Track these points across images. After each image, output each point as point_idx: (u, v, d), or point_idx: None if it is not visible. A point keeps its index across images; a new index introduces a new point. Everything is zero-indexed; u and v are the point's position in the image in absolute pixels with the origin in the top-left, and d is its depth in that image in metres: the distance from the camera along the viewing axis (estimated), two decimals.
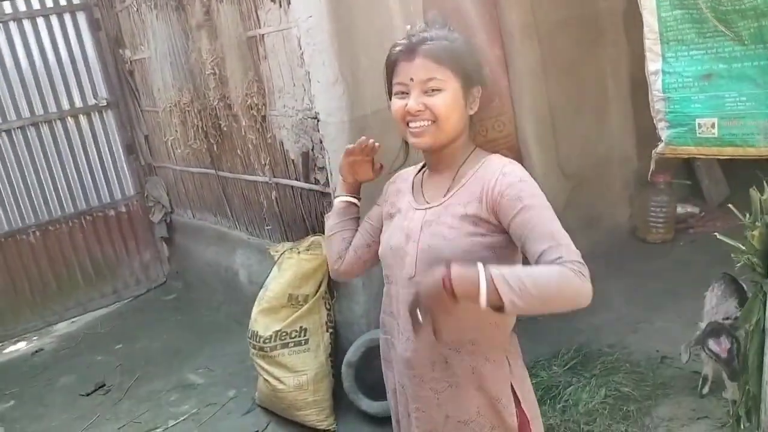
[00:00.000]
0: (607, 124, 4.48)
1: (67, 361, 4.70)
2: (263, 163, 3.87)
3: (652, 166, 1.79)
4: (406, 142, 1.66)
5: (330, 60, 3.15)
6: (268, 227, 4.05)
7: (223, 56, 3.75)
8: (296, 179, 3.69)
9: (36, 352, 4.95)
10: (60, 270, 5.34)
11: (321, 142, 3.36)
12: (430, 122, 1.48)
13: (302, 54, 3.26)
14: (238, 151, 4.11)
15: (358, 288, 3.45)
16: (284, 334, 3.35)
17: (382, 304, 1.76)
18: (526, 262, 1.43)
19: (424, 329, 1.46)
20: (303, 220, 3.76)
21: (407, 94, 1.48)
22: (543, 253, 1.34)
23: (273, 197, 3.93)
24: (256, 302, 3.50)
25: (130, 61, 5.19)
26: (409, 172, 1.74)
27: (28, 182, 5.13)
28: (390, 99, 1.60)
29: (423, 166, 1.71)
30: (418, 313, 1.33)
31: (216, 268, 4.91)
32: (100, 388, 4.17)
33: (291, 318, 3.35)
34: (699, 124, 1.59)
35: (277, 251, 3.57)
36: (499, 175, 1.46)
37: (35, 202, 5.19)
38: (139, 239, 5.68)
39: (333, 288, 3.56)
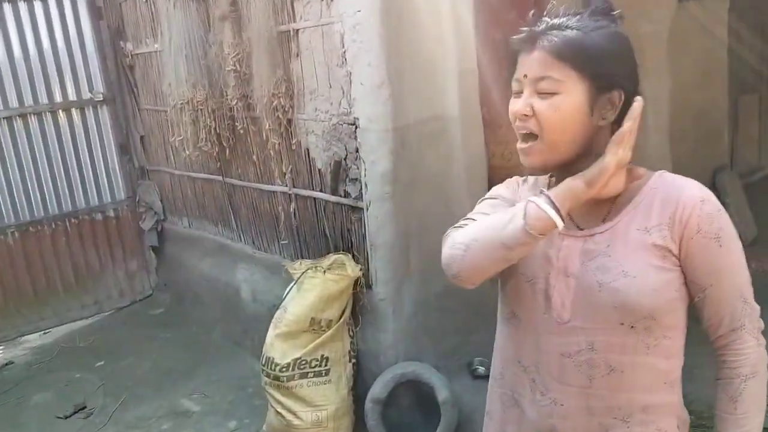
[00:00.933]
0: (645, 158, 4.24)
1: (42, 377, 4.24)
2: (284, 171, 3.53)
3: None
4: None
5: (377, 60, 2.85)
6: (284, 242, 3.69)
7: (249, 51, 3.42)
8: (321, 191, 3.36)
9: (6, 365, 4.48)
10: (38, 275, 4.87)
11: (357, 150, 3.04)
12: (535, 139, 1.19)
13: (344, 52, 2.95)
14: (254, 157, 3.76)
15: (387, 315, 3.12)
16: (304, 362, 3.00)
17: (500, 348, 1.42)
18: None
19: (576, 394, 1.20)
20: (325, 236, 3.42)
21: (521, 93, 1.21)
22: (729, 312, 1.20)
23: (291, 209, 3.58)
24: (272, 324, 3.14)
25: (131, 55, 4.81)
26: (535, 182, 1.39)
27: (10, 178, 4.67)
28: None
29: (551, 176, 1.39)
30: None
31: (213, 283, 4.52)
32: (80, 410, 3.74)
33: (312, 345, 3.01)
34: None
35: (296, 269, 3.21)
36: (698, 202, 1.17)
37: (16, 201, 4.73)
38: (127, 247, 5.25)
39: (358, 314, 3.22)
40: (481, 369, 3.19)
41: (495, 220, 1.21)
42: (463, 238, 1.24)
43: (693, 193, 1.19)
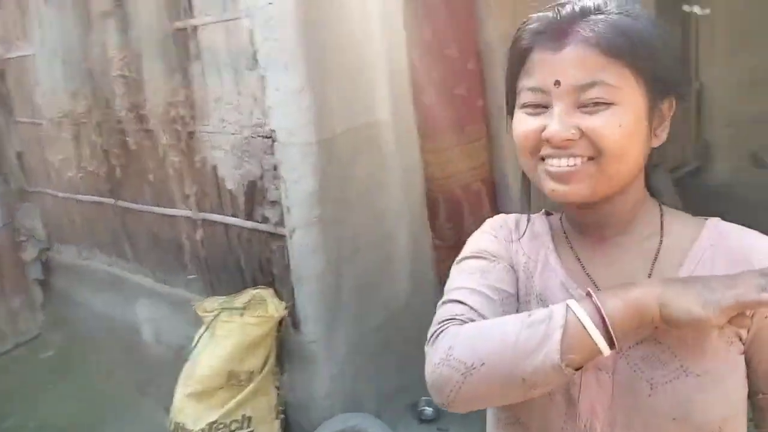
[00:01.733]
0: None
1: None
2: (187, 193, 3.00)
3: None
4: (527, 184, 0.98)
5: (296, 61, 2.39)
6: (191, 277, 3.16)
7: (139, 54, 2.86)
8: (233, 215, 2.86)
9: None
10: None
11: (275, 168, 2.57)
12: (585, 159, 0.83)
13: (255, 53, 2.47)
14: (150, 177, 3.20)
15: (319, 358, 2.68)
16: (221, 426, 2.50)
17: None
18: None
19: None
20: (239, 268, 2.92)
21: (545, 108, 0.84)
22: None
23: (198, 237, 3.05)
24: (180, 381, 2.62)
25: (1, 60, 4.11)
26: (522, 222, 1.03)
27: None
28: (510, 112, 0.93)
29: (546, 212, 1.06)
30: None
31: (108, 322, 3.91)
32: None
33: (231, 404, 2.52)
34: None
35: (207, 311, 2.70)
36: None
37: None
38: (6, 281, 4.51)
39: (284, 360, 2.74)
40: (429, 411, 2.81)
41: (512, 337, 0.80)
42: (464, 355, 0.82)
43: (760, 245, 0.89)
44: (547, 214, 1.05)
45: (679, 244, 0.92)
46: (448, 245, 3.35)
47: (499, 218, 1.07)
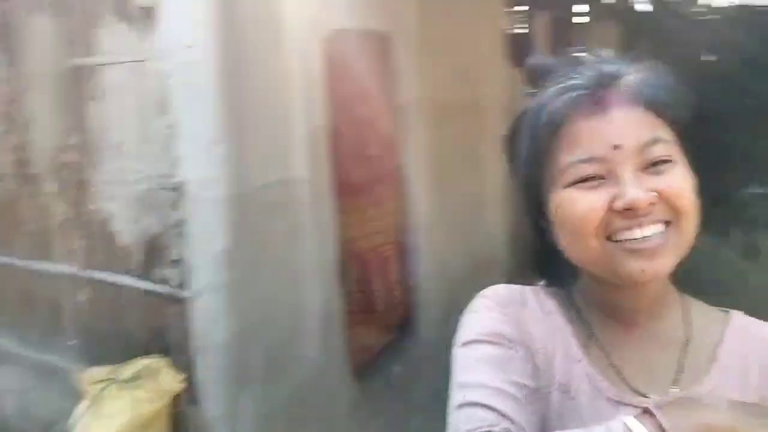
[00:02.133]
0: (482, 222, 4.02)
1: None
2: (72, 247, 2.67)
3: None
4: (561, 276, 0.88)
5: (213, 110, 2.21)
6: (70, 342, 2.78)
7: (25, 90, 2.55)
8: (126, 274, 2.56)
9: None
10: None
11: (181, 224, 2.33)
12: (663, 225, 0.75)
13: (167, 98, 2.26)
14: (27, 228, 2.83)
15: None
16: None
17: None
18: None
19: None
20: (130, 334, 2.61)
21: (602, 178, 0.76)
22: None
23: (82, 298, 2.71)
24: None
25: None
26: (525, 297, 0.88)
27: None
28: (531, 196, 0.84)
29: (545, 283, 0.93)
30: None
31: None
32: None
33: None
34: None
35: (91, 382, 2.37)
36: None
37: None
38: None
39: None
40: None
41: None
42: None
43: None
44: (547, 286, 0.93)
45: (706, 337, 0.85)
46: (356, 311, 3.21)
47: (502, 291, 0.91)
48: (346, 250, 3.03)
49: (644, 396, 0.81)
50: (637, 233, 0.75)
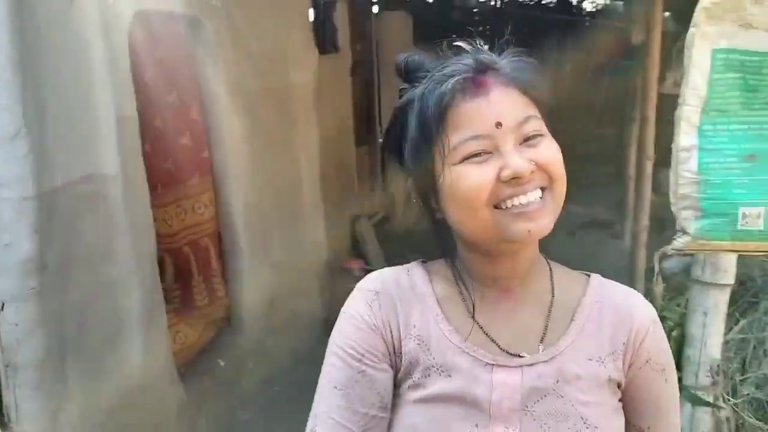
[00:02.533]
0: (300, 208, 4.04)
1: None
2: None
3: (657, 268, 1.41)
4: (449, 251, 0.98)
5: (11, 102, 1.97)
6: None
7: None
8: None
9: None
10: None
11: None
12: (540, 191, 0.86)
13: None
14: None
15: None
16: None
17: None
18: None
19: None
20: None
21: (489, 153, 0.85)
22: None
23: None
24: None
25: None
26: (402, 283, 0.97)
27: None
28: (425, 172, 0.90)
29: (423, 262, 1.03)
30: None
31: None
32: None
33: None
34: (744, 213, 1.28)
35: None
36: (651, 323, 0.95)
37: None
38: None
39: None
40: None
41: None
42: None
43: (645, 311, 0.97)
44: (423, 262, 1.02)
45: (567, 299, 0.96)
46: (176, 308, 3.08)
47: (376, 280, 0.98)
48: (160, 247, 2.88)
49: (518, 356, 0.90)
50: (522, 199, 0.84)
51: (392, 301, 0.95)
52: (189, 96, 3.14)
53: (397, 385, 0.94)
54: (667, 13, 4.79)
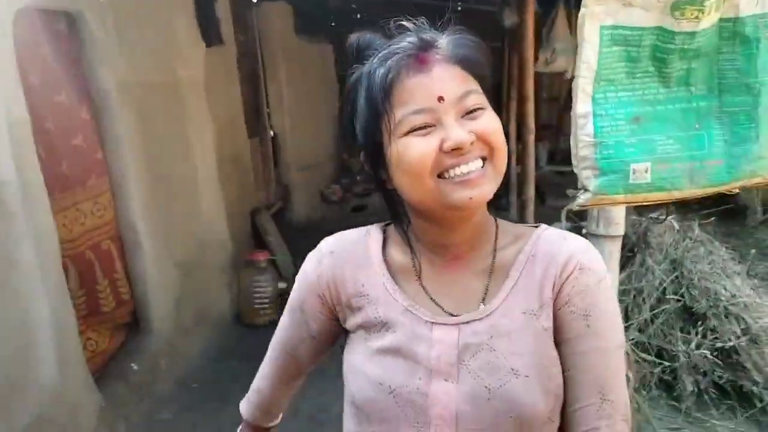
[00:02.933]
0: (199, 204, 3.99)
1: None
2: None
3: (565, 224, 1.56)
4: (404, 235, 1.04)
5: None
6: None
7: None
8: None
9: None
10: None
11: None
12: (481, 161, 0.91)
13: None
14: None
15: None
16: None
17: None
18: None
19: None
20: None
21: (432, 126, 0.90)
22: (584, 409, 0.94)
23: None
24: None
25: None
26: (357, 246, 1.06)
27: None
28: (372, 148, 0.96)
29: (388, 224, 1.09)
30: None
31: None
32: None
33: None
34: (634, 169, 1.45)
35: None
36: (576, 265, 0.96)
37: None
38: None
39: None
40: None
41: None
42: None
43: (571, 255, 0.98)
44: (387, 225, 1.08)
45: (507, 258, 1.01)
46: (83, 315, 2.98)
47: (331, 241, 1.08)
48: (66, 252, 2.78)
49: (456, 316, 0.97)
50: (464, 168, 0.89)
51: (342, 261, 1.04)
52: (78, 95, 3.02)
53: (348, 332, 1.05)
54: None
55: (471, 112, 0.91)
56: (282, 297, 4.43)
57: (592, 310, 0.95)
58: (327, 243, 1.08)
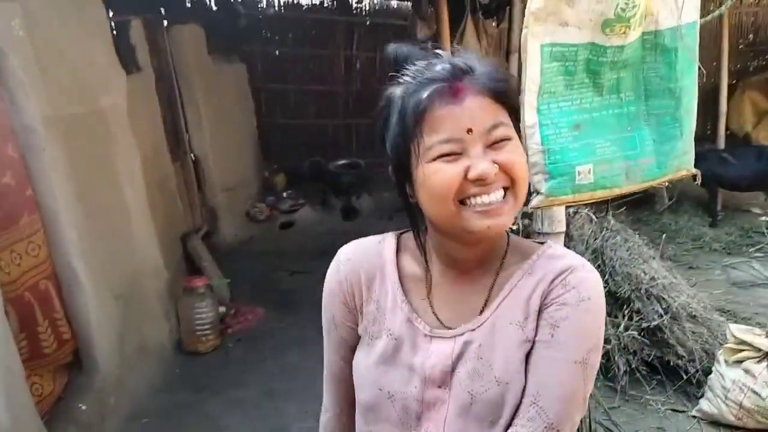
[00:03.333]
0: (132, 234, 3.91)
1: None
2: None
3: (519, 226, 1.68)
4: (421, 247, 1.11)
5: None
6: None
7: None
8: None
9: None
10: None
11: None
12: (503, 191, 0.96)
13: None
14: None
15: None
16: None
17: None
18: None
19: None
20: None
21: (459, 155, 0.95)
22: (519, 408, 0.99)
23: None
24: None
25: None
26: (372, 253, 1.12)
27: None
28: (402, 170, 1.01)
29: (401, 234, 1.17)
30: None
31: None
32: None
33: None
34: (579, 171, 1.60)
35: None
36: (562, 281, 1.00)
37: None
38: None
39: None
40: None
41: None
42: None
43: (563, 271, 1.01)
44: (402, 233, 1.15)
45: (509, 275, 1.05)
46: (26, 359, 2.88)
47: (349, 249, 1.15)
48: (4, 296, 2.69)
49: (453, 329, 1.04)
50: (485, 199, 0.94)
51: (358, 267, 1.11)
52: (2, 133, 2.93)
53: (359, 337, 1.12)
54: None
55: (497, 142, 0.95)
56: (223, 321, 4.40)
57: (561, 323, 0.98)
58: (344, 251, 1.14)
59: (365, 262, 1.12)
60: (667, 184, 1.71)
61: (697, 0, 1.56)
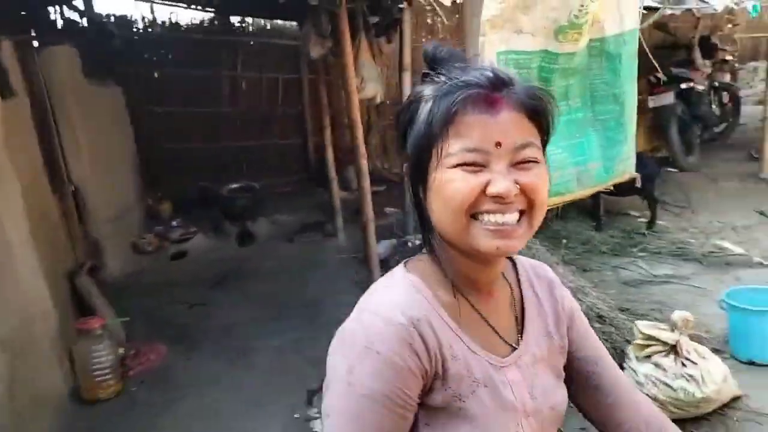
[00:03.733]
0: (17, 274, 3.52)
1: None
2: None
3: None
4: (434, 252, 1.03)
5: None
6: None
7: None
8: None
9: None
10: None
11: None
12: (518, 214, 0.91)
13: None
14: None
15: None
16: None
17: None
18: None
19: None
20: None
21: (483, 167, 0.89)
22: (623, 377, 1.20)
23: None
24: None
25: None
26: (422, 304, 0.95)
27: None
28: (420, 170, 0.94)
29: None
30: None
31: None
32: None
33: None
34: None
35: None
36: (559, 282, 1.18)
37: None
38: None
39: None
40: None
41: None
42: None
43: (553, 275, 1.16)
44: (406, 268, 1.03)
45: (514, 289, 1.09)
46: None
47: (398, 310, 0.92)
48: None
49: (513, 347, 1.03)
50: (499, 218, 0.89)
51: (422, 327, 0.92)
52: None
53: (424, 409, 0.93)
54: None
55: (524, 162, 0.89)
56: (123, 364, 4.06)
57: (576, 311, 1.16)
58: (393, 313, 0.92)
59: (424, 317, 0.93)
60: (611, 188, 1.74)
61: (637, 8, 1.61)
